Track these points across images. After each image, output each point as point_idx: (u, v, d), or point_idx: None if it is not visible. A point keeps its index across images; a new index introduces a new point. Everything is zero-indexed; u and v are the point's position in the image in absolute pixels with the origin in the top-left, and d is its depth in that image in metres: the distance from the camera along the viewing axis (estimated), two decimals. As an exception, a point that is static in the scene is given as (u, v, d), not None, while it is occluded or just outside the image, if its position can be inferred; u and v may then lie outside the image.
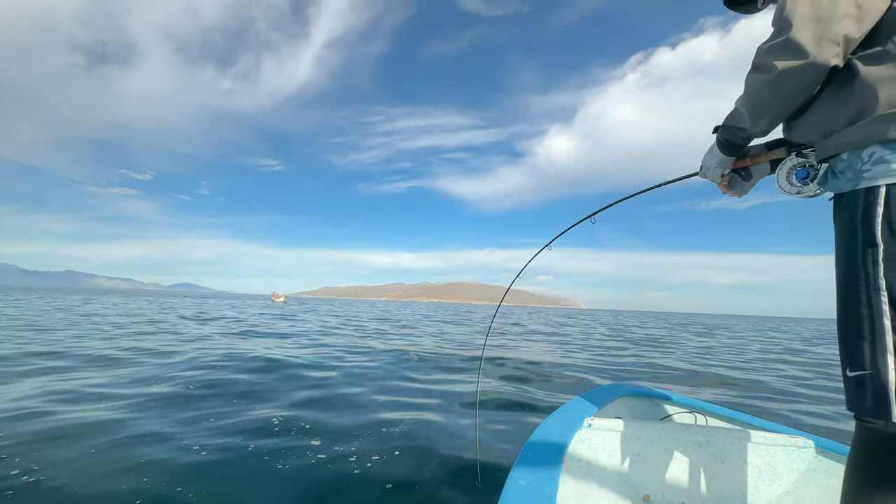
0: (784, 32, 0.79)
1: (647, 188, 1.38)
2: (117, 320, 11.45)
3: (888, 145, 0.75)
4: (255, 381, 4.25)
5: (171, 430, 2.67)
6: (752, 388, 5.10)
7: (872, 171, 0.77)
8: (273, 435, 2.65)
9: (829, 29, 0.76)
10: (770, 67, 0.82)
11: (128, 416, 2.90)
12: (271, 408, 3.31)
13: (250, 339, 8.30)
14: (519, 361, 6.33)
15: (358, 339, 8.89)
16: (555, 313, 57.86)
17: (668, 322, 31.39)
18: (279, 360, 5.40)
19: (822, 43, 0.76)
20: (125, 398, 3.38)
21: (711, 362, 7.30)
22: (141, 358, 5.35)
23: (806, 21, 0.77)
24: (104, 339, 7.24)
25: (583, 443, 1.49)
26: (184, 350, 6.12)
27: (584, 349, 8.66)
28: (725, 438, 1.46)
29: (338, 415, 3.19)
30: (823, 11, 0.75)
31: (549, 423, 1.52)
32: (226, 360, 5.25)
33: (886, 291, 0.75)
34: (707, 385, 5.20)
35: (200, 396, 3.57)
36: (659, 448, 1.49)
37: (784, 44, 0.79)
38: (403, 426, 2.91)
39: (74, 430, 2.58)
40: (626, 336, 13.47)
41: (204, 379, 4.19)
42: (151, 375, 4.30)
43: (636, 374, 5.92)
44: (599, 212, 1.49)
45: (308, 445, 2.47)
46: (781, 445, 1.44)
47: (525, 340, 9.87)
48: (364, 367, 5.37)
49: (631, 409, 1.86)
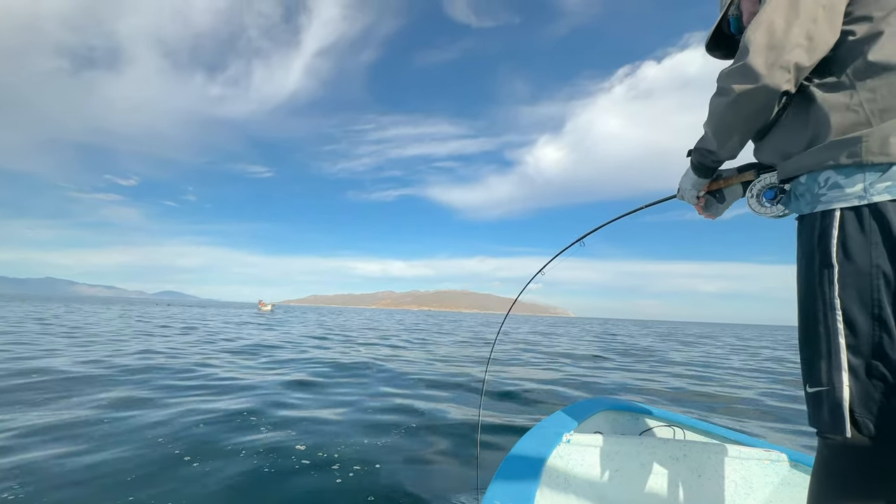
0: (742, 58, 0.84)
1: (632, 210, 1.44)
2: (74, 329, 11.08)
3: (841, 170, 0.79)
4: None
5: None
6: (727, 399, 5.17)
7: (828, 195, 0.81)
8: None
9: (780, 56, 0.80)
10: (729, 91, 0.87)
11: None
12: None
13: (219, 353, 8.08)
14: (508, 377, 6.21)
15: (336, 352, 8.69)
16: (542, 322, 58.10)
17: (652, 331, 31.73)
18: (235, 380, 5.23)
19: (774, 69, 0.81)
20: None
21: (691, 378, 7.36)
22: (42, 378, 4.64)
23: (761, 48, 0.81)
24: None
25: (561, 459, 1.48)
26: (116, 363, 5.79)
27: (566, 364, 8.60)
28: (702, 453, 1.47)
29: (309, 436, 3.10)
30: (776, 41, 0.80)
31: (528, 439, 1.51)
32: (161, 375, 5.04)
33: (841, 311, 0.78)
34: (684, 399, 5.21)
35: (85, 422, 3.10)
36: (637, 463, 1.49)
37: (741, 69, 0.84)
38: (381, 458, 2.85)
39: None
40: (610, 347, 13.57)
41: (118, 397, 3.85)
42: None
43: (615, 388, 5.92)
44: (588, 235, 1.54)
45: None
46: (756, 459, 1.45)
47: (512, 355, 9.80)
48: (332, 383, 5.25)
49: (611, 423, 1.86)
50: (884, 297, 0.73)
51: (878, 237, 0.74)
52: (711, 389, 5.86)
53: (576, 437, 1.51)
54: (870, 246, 0.75)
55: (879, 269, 0.74)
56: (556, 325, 45.30)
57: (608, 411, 1.86)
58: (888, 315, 0.73)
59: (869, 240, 0.75)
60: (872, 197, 0.74)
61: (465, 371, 6.55)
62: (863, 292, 0.76)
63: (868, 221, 0.75)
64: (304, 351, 8.45)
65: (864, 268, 0.75)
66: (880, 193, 0.73)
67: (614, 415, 1.89)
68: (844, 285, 0.78)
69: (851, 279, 0.77)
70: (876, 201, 0.74)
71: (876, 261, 0.74)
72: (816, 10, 0.79)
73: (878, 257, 0.74)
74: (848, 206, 0.78)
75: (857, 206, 0.77)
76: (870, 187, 0.75)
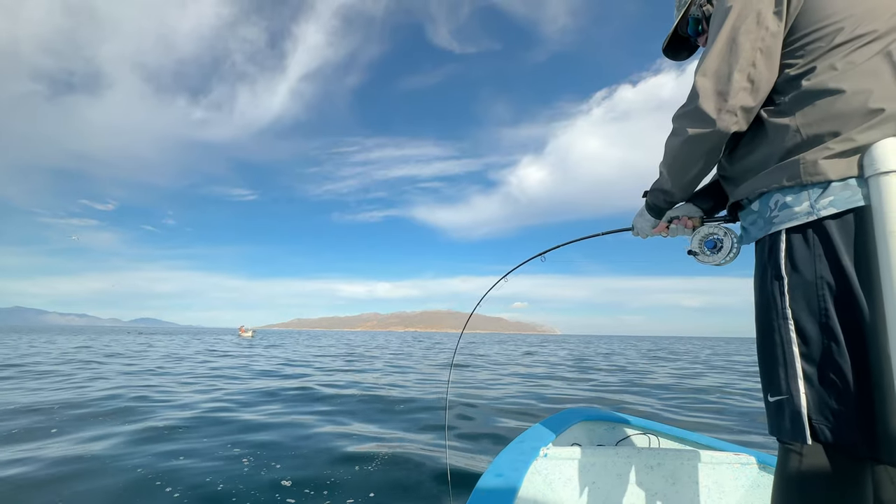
0: (693, 102, 0.90)
1: (590, 235, 1.51)
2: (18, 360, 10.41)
3: (787, 191, 0.85)
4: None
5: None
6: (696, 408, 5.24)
7: (780, 215, 0.86)
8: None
9: (726, 102, 0.86)
10: (682, 132, 0.93)
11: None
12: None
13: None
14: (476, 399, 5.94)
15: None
16: (525, 341, 57.69)
17: (636, 347, 32.04)
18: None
19: (723, 113, 0.87)
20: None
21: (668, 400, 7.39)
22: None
23: (709, 94, 0.88)
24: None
25: (538, 474, 1.48)
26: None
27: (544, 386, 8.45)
28: (676, 460, 1.50)
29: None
30: (722, 87, 0.86)
31: (505, 455, 1.50)
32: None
33: (793, 321, 0.82)
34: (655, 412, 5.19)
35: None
36: (613, 474, 1.51)
37: (693, 112, 0.90)
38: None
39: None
40: (587, 364, 13.60)
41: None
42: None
43: (591, 401, 5.89)
44: (548, 251, 1.59)
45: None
46: (727, 464, 1.49)
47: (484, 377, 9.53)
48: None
49: (588, 434, 1.88)
50: (829, 306, 0.78)
51: (820, 250, 0.80)
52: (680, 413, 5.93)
53: (553, 451, 1.52)
54: (814, 258, 0.80)
55: (824, 280, 0.79)
56: (541, 342, 45.11)
57: (585, 422, 1.88)
58: (835, 323, 0.77)
59: (813, 252, 0.81)
60: (819, 212, 0.80)
61: (415, 393, 6.24)
62: (810, 302, 0.80)
63: (811, 236, 0.81)
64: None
65: (810, 279, 0.80)
66: (826, 209, 0.79)
67: (591, 425, 1.90)
68: (794, 296, 0.82)
69: (800, 290, 0.81)
70: (822, 216, 0.79)
71: (820, 272, 0.79)
72: (754, 55, 0.85)
73: (822, 269, 0.79)
74: (796, 224, 0.83)
75: (803, 224, 0.82)
76: (815, 203, 0.80)
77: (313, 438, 3.56)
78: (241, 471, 2.74)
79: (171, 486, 2.47)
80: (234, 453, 3.12)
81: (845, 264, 0.77)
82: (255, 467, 2.81)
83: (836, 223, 0.79)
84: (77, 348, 16.11)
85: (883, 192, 0.72)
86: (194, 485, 2.50)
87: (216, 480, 2.57)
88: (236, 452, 3.14)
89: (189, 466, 2.82)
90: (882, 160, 0.72)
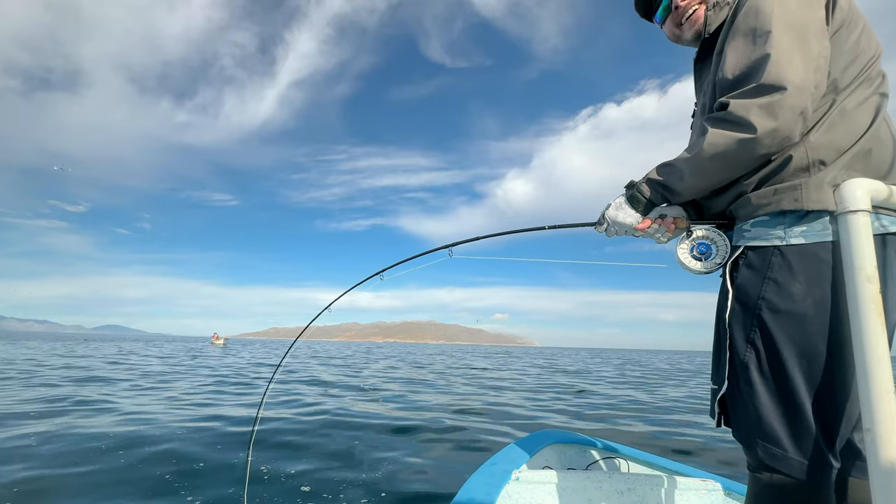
0: (774, 93, 0.74)
1: (528, 229, 1.16)
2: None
3: (767, 213, 0.85)
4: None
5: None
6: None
7: (752, 232, 0.88)
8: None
9: (803, 101, 0.75)
10: (748, 126, 0.76)
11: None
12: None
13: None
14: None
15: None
16: (503, 352, 57.28)
17: (607, 361, 32.50)
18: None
19: (796, 114, 0.75)
20: None
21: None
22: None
23: (803, 90, 0.74)
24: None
25: (510, 498, 1.44)
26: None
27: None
28: (645, 485, 1.49)
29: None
30: (801, 83, 0.75)
31: (477, 477, 1.47)
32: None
33: (728, 328, 0.90)
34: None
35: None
36: (584, 499, 1.48)
37: (773, 105, 0.74)
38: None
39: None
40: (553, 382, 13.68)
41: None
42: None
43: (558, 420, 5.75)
44: (456, 244, 1.23)
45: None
46: (694, 489, 1.49)
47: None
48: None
49: (559, 456, 1.85)
50: (763, 323, 0.82)
51: (774, 273, 0.82)
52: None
53: (524, 475, 1.48)
54: (763, 279, 0.83)
55: (764, 300, 0.82)
56: (518, 354, 45.17)
57: (556, 444, 1.86)
58: (759, 341, 0.83)
59: (762, 274, 0.84)
60: (789, 240, 0.81)
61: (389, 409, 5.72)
62: (745, 316, 0.86)
63: (770, 259, 0.83)
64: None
65: (753, 295, 0.85)
66: (796, 237, 0.81)
67: (562, 447, 1.88)
68: (733, 309, 0.89)
69: (739, 304, 0.88)
70: (791, 244, 0.81)
71: (764, 293, 0.83)
72: (820, 60, 0.77)
73: (767, 291, 0.83)
74: (762, 245, 0.85)
75: (767, 245, 0.84)
76: (788, 230, 0.82)
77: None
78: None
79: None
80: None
81: (795, 291, 0.80)
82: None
83: (799, 252, 0.80)
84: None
85: (850, 230, 0.74)
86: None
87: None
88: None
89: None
90: (851, 199, 0.74)
